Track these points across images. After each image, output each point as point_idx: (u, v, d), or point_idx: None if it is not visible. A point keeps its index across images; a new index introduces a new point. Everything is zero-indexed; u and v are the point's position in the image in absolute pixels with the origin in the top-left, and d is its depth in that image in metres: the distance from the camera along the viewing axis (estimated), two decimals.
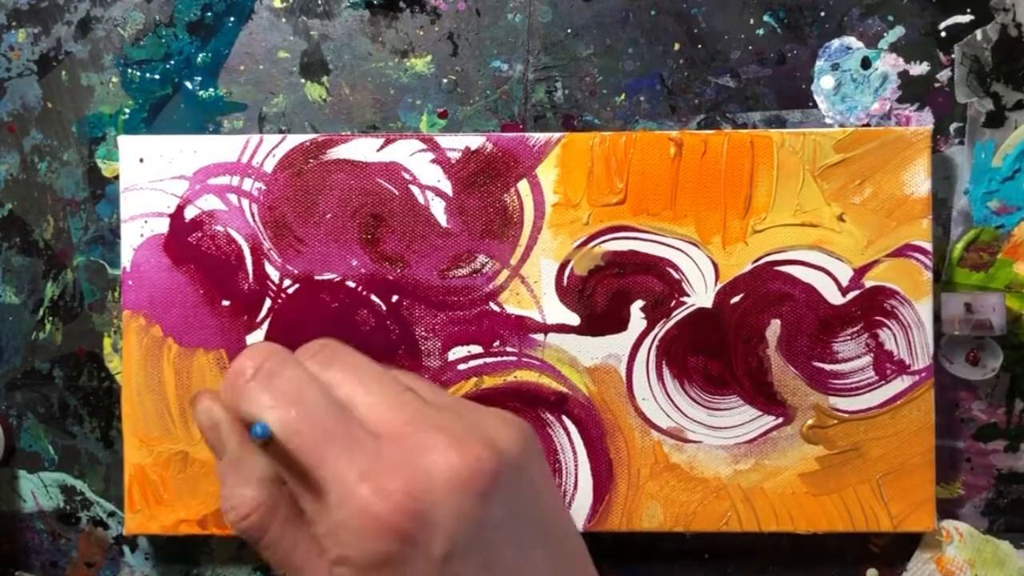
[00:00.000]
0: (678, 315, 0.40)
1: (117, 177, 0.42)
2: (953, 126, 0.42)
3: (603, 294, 0.40)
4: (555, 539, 0.25)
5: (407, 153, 0.40)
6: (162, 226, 0.41)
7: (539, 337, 0.40)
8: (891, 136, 0.40)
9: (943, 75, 0.42)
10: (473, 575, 0.23)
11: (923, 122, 0.42)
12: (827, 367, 0.40)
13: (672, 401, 0.40)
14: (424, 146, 0.40)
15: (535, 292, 0.40)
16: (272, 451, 0.24)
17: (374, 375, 0.25)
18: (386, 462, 0.22)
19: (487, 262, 0.40)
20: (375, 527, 0.22)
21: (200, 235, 0.41)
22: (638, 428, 0.40)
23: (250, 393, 0.24)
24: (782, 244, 0.40)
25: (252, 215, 0.41)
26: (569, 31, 0.42)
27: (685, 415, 0.40)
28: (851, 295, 0.40)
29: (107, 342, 0.43)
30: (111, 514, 0.43)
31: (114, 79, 0.43)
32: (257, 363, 0.24)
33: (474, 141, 0.40)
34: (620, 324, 0.40)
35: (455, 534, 0.22)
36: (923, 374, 0.40)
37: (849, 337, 0.40)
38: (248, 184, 0.41)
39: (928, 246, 0.40)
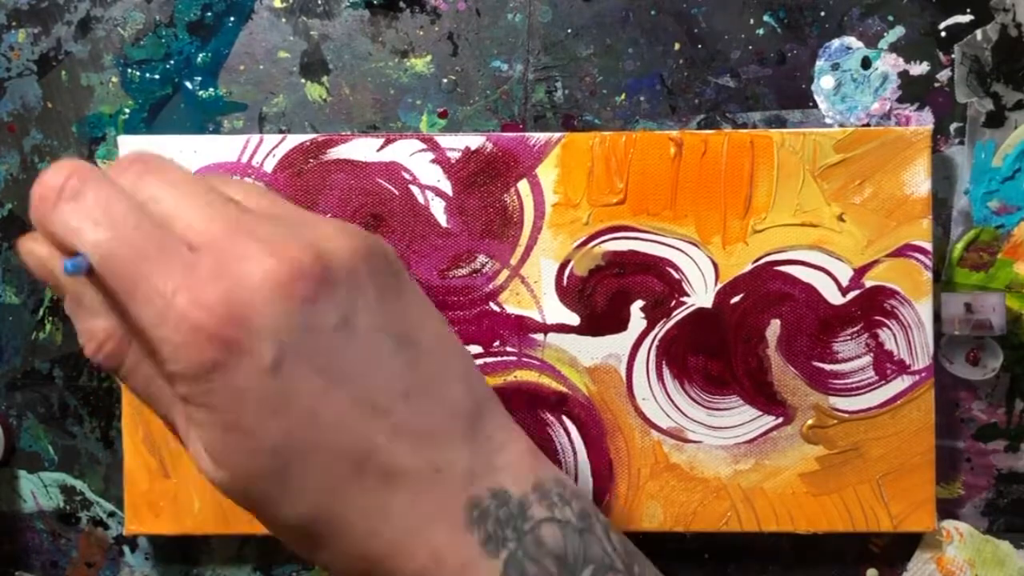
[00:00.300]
0: (678, 315, 0.40)
1: None
2: (953, 126, 0.42)
3: (603, 294, 0.40)
4: (420, 350, 0.24)
5: (407, 153, 0.40)
6: None
7: (539, 337, 0.40)
8: (891, 136, 0.40)
9: (943, 75, 0.42)
10: (306, 378, 0.22)
11: (923, 122, 0.42)
12: (827, 367, 0.40)
13: (672, 401, 0.40)
14: (424, 146, 0.40)
15: (535, 292, 0.40)
16: (96, 278, 0.23)
17: (190, 186, 0.23)
18: (202, 274, 0.22)
19: (487, 262, 0.40)
20: (195, 337, 0.21)
21: None
22: (638, 428, 0.40)
23: (57, 217, 0.23)
24: (782, 244, 0.40)
25: None
26: (569, 31, 0.42)
27: (685, 415, 0.40)
28: (851, 295, 0.40)
29: None
30: (111, 514, 0.43)
31: (114, 79, 0.43)
32: (60, 182, 0.23)
33: (474, 141, 0.40)
34: (620, 324, 0.40)
35: (281, 340, 0.21)
36: (923, 374, 0.40)
37: (849, 337, 0.40)
38: None
39: (928, 246, 0.40)
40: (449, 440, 0.24)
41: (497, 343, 0.40)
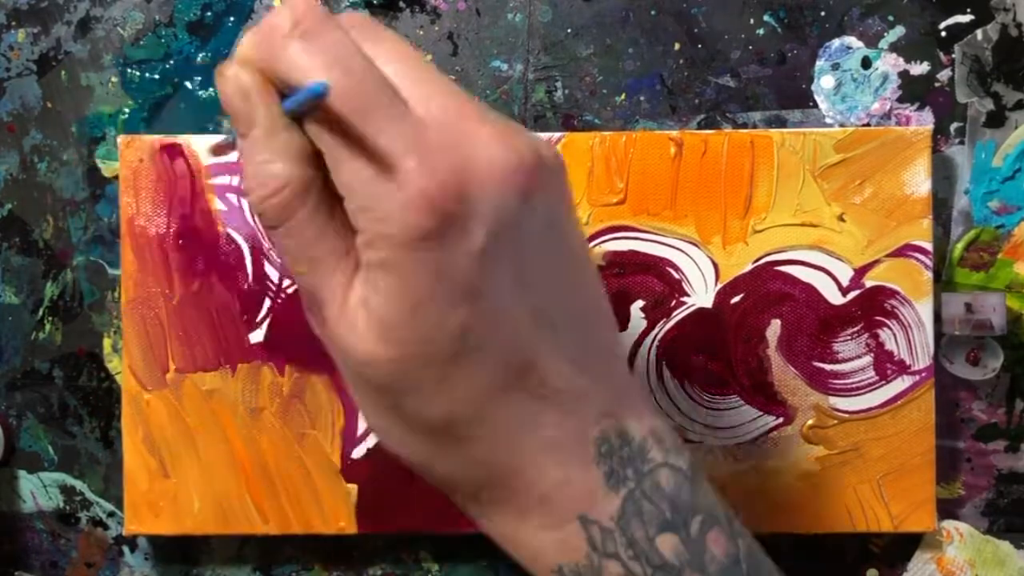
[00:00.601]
0: (678, 315, 0.40)
1: (117, 177, 0.42)
2: (953, 126, 0.42)
3: None
4: (581, 267, 0.25)
5: None
6: (162, 226, 0.41)
7: None
8: (891, 136, 0.40)
9: (943, 75, 0.42)
10: (503, 274, 0.22)
11: (923, 122, 0.42)
12: (827, 367, 0.40)
13: (672, 401, 0.40)
14: None
15: None
16: (313, 119, 0.22)
17: (419, 58, 0.23)
18: (433, 142, 0.21)
19: None
20: (419, 202, 0.21)
21: (200, 235, 0.41)
22: None
23: (290, 52, 0.22)
24: (782, 244, 0.40)
25: (252, 215, 0.41)
26: (569, 31, 0.42)
27: (685, 415, 0.40)
28: (851, 295, 0.40)
29: (107, 342, 0.43)
30: (111, 514, 0.43)
31: (114, 79, 0.43)
32: (296, 17, 0.22)
33: None
34: (620, 324, 0.40)
35: (494, 225, 0.21)
36: (923, 374, 0.40)
37: (849, 337, 0.40)
38: None
39: (928, 246, 0.40)
40: (596, 370, 0.24)
41: None
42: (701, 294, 0.40)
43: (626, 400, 0.25)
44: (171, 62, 0.43)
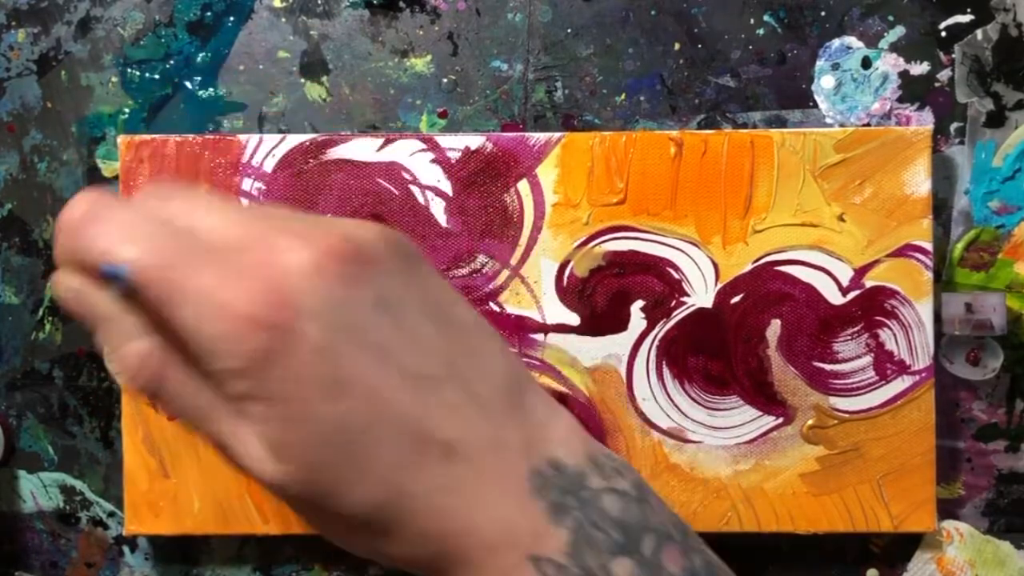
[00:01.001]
0: (678, 315, 0.40)
1: (117, 177, 0.42)
2: (953, 126, 0.42)
3: (603, 294, 0.40)
4: (456, 327, 0.25)
5: (407, 153, 0.40)
6: None
7: (539, 337, 0.40)
8: (891, 136, 0.40)
9: (943, 75, 0.42)
10: (357, 357, 0.22)
11: (923, 122, 0.42)
12: (827, 367, 0.40)
13: (672, 401, 0.40)
14: (424, 146, 0.40)
15: (535, 292, 0.40)
16: (134, 297, 0.23)
17: (210, 199, 0.24)
18: (238, 267, 0.22)
19: (487, 262, 0.40)
20: (242, 326, 0.21)
21: None
22: (638, 428, 0.40)
23: (84, 242, 0.23)
24: (782, 244, 0.40)
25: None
26: (569, 31, 0.42)
27: (685, 415, 0.40)
28: (851, 295, 0.40)
29: None
30: (111, 514, 0.43)
31: (114, 79, 0.43)
32: (82, 210, 0.23)
33: (474, 141, 0.40)
34: (620, 324, 0.40)
35: (325, 317, 0.22)
36: (923, 374, 0.40)
37: (849, 337, 0.40)
38: (248, 184, 0.40)
39: (928, 246, 0.40)
40: (500, 413, 0.24)
41: None
42: (701, 294, 0.40)
43: (547, 431, 0.25)
44: (171, 62, 0.43)
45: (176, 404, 0.24)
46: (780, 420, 0.40)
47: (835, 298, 0.40)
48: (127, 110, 0.43)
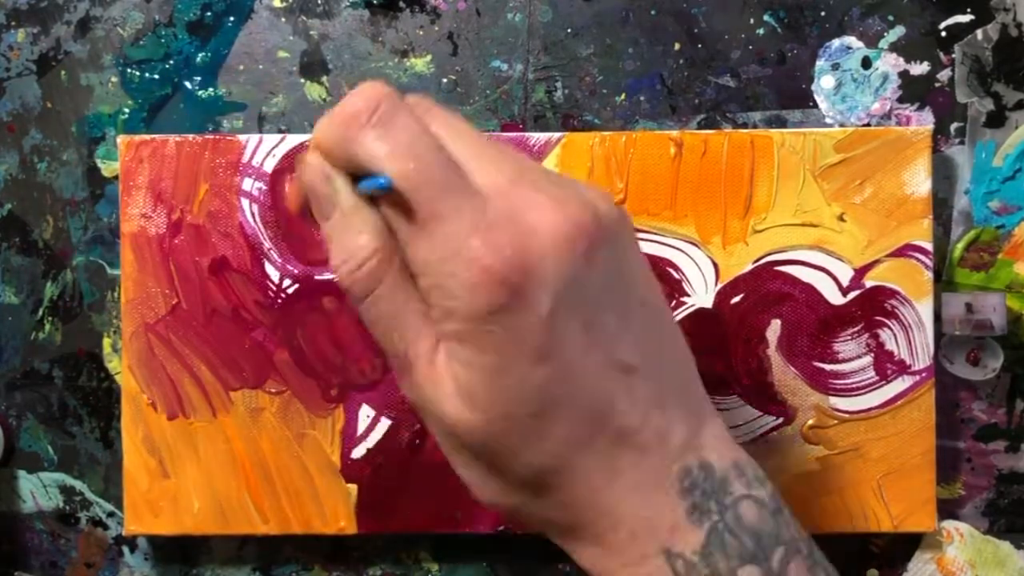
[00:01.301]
0: (678, 315, 0.40)
1: (117, 177, 0.42)
2: (954, 126, 0.42)
3: None
4: (652, 310, 0.25)
5: None
6: (162, 226, 0.41)
7: None
8: (891, 136, 0.40)
9: (943, 75, 0.42)
10: (575, 334, 0.23)
11: (923, 122, 0.42)
12: (827, 367, 0.40)
13: None
14: None
15: None
16: (385, 202, 0.23)
17: (473, 133, 0.25)
18: (494, 218, 0.22)
19: None
20: (485, 279, 0.22)
21: (200, 235, 0.41)
22: None
23: (366, 140, 0.23)
24: (782, 244, 0.40)
25: (252, 215, 0.41)
26: (569, 31, 0.42)
27: None
28: (851, 295, 0.40)
29: (107, 342, 0.43)
30: (111, 514, 0.43)
31: (113, 79, 0.43)
32: (372, 106, 0.24)
33: None
34: None
35: (559, 290, 0.22)
36: (923, 374, 0.40)
37: (849, 337, 0.40)
38: (248, 184, 0.40)
39: (928, 246, 0.40)
40: (674, 407, 0.25)
41: None
42: (701, 294, 0.40)
43: (706, 433, 0.26)
44: (171, 62, 0.43)
45: (375, 310, 0.24)
46: (780, 420, 0.40)
47: (835, 298, 0.40)
48: (127, 110, 0.43)
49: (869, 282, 0.40)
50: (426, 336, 0.24)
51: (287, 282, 0.41)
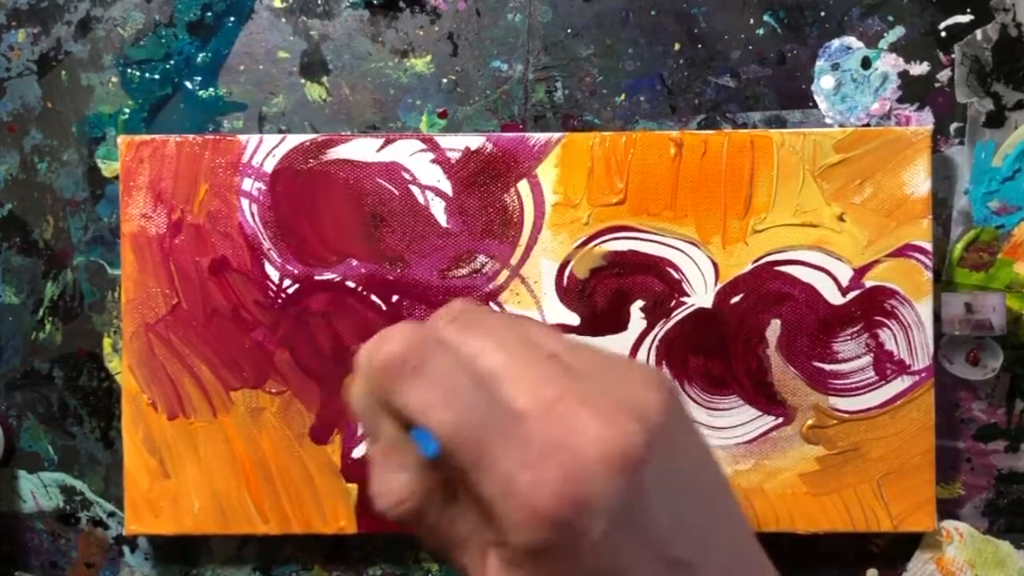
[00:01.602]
0: (678, 315, 0.40)
1: (117, 177, 0.42)
2: (953, 126, 0.42)
3: (603, 294, 0.40)
4: (707, 492, 0.25)
5: (407, 153, 0.40)
6: (162, 226, 0.41)
7: None
8: (891, 136, 0.40)
9: (943, 75, 0.42)
10: (632, 547, 0.23)
11: (923, 122, 0.42)
12: (827, 367, 0.40)
13: None
14: (424, 146, 0.40)
15: (535, 292, 0.40)
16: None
17: (516, 341, 0.24)
18: (539, 447, 0.22)
19: (487, 262, 0.40)
20: (536, 518, 0.22)
21: (200, 235, 0.41)
22: None
23: (405, 388, 0.23)
24: (782, 244, 0.40)
25: (252, 215, 0.41)
26: (569, 31, 0.42)
27: None
28: (851, 295, 0.40)
29: (107, 342, 0.43)
30: (111, 514, 0.43)
31: (114, 79, 0.43)
32: (407, 353, 0.23)
33: (474, 141, 0.40)
34: (620, 324, 0.40)
35: (611, 512, 0.22)
36: (923, 374, 0.40)
37: (849, 337, 0.40)
38: (248, 184, 0.41)
39: (928, 246, 0.40)
40: None
41: None
42: (701, 294, 0.40)
43: None
44: (171, 62, 0.43)
45: (429, 534, 0.25)
46: (780, 420, 0.40)
47: (835, 298, 0.40)
48: (127, 110, 0.43)
49: (869, 282, 0.40)
50: (478, 549, 0.24)
51: (287, 282, 0.41)
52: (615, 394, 0.23)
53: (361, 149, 0.40)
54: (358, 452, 0.41)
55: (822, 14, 0.42)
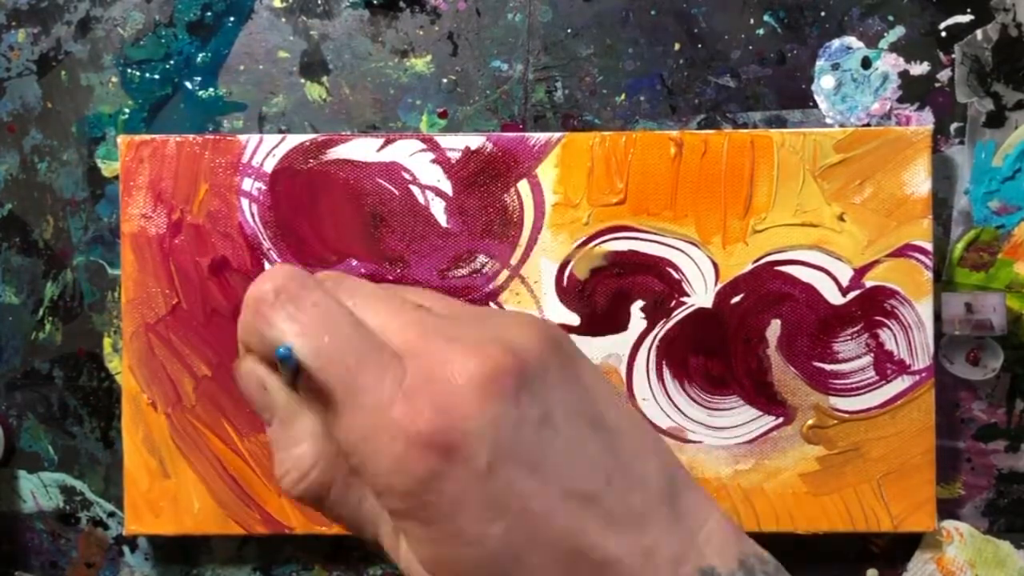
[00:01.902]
0: (678, 315, 0.40)
1: (117, 177, 0.42)
2: (953, 126, 0.42)
3: (603, 294, 0.40)
4: (613, 431, 0.24)
5: (407, 153, 0.40)
6: (162, 226, 0.41)
7: None
8: (891, 136, 0.40)
9: (943, 75, 0.42)
10: (525, 480, 0.22)
11: (923, 122, 0.42)
12: (827, 367, 0.40)
13: (672, 401, 0.40)
14: (424, 146, 0.40)
15: (535, 292, 0.40)
16: (307, 388, 0.23)
17: (384, 297, 0.24)
18: (411, 382, 0.22)
19: (487, 262, 0.40)
20: (411, 448, 0.21)
21: (200, 235, 0.41)
22: None
23: (276, 319, 0.23)
24: (782, 244, 0.40)
25: (252, 215, 0.41)
26: (569, 31, 0.42)
27: (685, 415, 0.40)
28: (851, 295, 0.40)
29: (107, 342, 0.43)
30: (111, 514, 0.43)
31: (114, 79, 0.43)
32: (278, 285, 0.23)
33: (474, 141, 0.40)
34: (620, 324, 0.40)
35: (493, 439, 0.21)
36: (923, 374, 0.40)
37: (849, 337, 0.40)
38: (248, 184, 0.41)
39: (928, 246, 0.40)
40: (655, 521, 0.24)
41: None
42: (701, 294, 0.40)
43: (699, 534, 0.24)
44: (171, 62, 0.43)
45: (340, 511, 0.24)
46: (780, 420, 0.40)
47: (835, 298, 0.40)
48: (127, 110, 0.43)
49: (869, 282, 0.40)
50: (384, 521, 0.23)
51: None
52: (486, 332, 0.23)
53: (361, 149, 0.40)
54: None
55: (822, 14, 0.42)
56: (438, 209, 0.40)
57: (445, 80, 0.43)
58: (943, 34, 0.42)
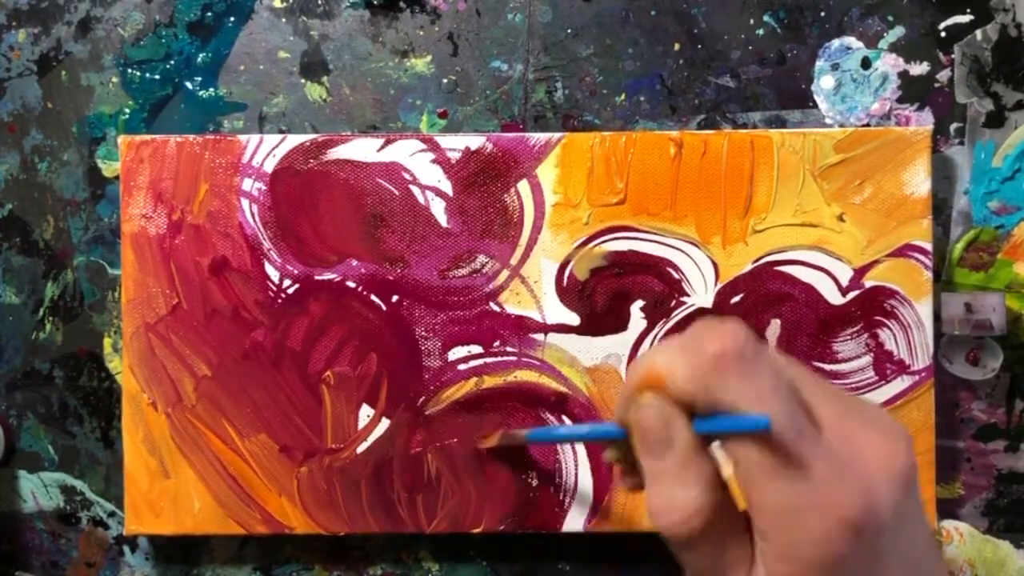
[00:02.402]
0: (678, 315, 0.40)
1: (117, 177, 0.42)
2: (953, 126, 0.42)
3: (603, 294, 0.40)
4: (930, 540, 0.26)
5: (407, 153, 0.40)
6: (162, 226, 0.41)
7: (539, 337, 0.40)
8: (891, 136, 0.40)
9: (943, 75, 0.42)
10: (897, 564, 0.23)
11: (923, 122, 0.42)
12: (827, 367, 0.40)
13: None
14: (424, 146, 0.40)
15: (535, 292, 0.40)
16: (737, 442, 0.23)
17: (809, 373, 0.25)
18: (843, 463, 0.23)
19: (487, 262, 0.40)
20: (842, 528, 0.22)
21: (200, 235, 0.41)
22: None
23: (731, 381, 0.23)
24: (782, 244, 0.40)
25: (252, 215, 0.41)
26: (569, 31, 0.42)
27: None
28: (851, 295, 0.40)
29: (107, 342, 0.43)
30: (111, 514, 0.43)
31: (114, 79, 0.43)
32: (738, 348, 0.23)
33: (474, 141, 0.40)
34: (620, 324, 0.40)
35: (893, 528, 0.23)
36: (923, 374, 0.40)
37: (849, 337, 0.40)
38: (248, 184, 0.41)
39: (928, 246, 0.40)
40: None
41: (497, 343, 0.40)
42: (701, 294, 0.40)
43: None
44: (171, 62, 0.43)
45: (696, 559, 0.24)
46: None
47: (835, 298, 0.40)
48: (127, 110, 0.43)
49: (868, 282, 0.40)
50: (742, 572, 0.24)
51: (287, 282, 0.41)
52: (884, 419, 0.24)
53: (361, 149, 0.40)
54: (361, 448, 0.41)
55: (822, 14, 0.42)
56: (438, 209, 0.40)
57: (445, 80, 0.43)
58: (943, 34, 0.42)
